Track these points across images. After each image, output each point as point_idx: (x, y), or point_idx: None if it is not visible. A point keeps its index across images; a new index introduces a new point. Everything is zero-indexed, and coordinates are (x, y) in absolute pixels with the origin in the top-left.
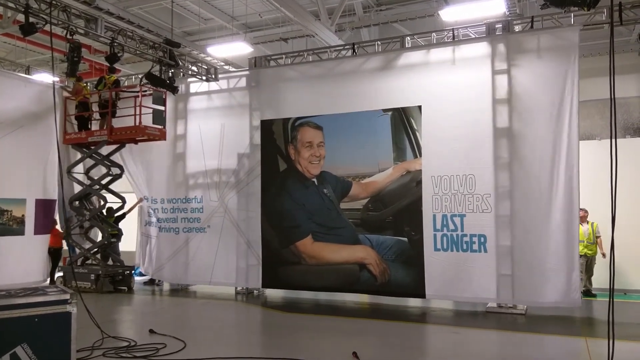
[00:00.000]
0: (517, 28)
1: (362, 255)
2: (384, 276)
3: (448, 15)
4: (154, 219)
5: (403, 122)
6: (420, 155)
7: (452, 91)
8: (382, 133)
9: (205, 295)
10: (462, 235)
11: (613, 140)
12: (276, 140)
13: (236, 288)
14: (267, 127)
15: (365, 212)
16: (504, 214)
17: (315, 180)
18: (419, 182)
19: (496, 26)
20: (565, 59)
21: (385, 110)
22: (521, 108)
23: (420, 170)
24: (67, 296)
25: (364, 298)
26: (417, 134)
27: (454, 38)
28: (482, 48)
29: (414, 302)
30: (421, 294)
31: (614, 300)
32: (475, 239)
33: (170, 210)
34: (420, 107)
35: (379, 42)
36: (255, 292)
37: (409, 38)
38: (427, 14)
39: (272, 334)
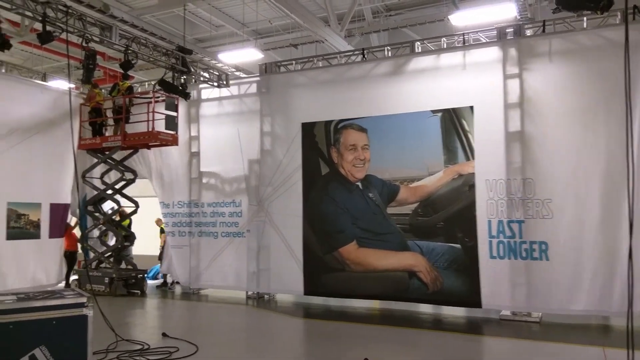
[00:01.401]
0: (528, 32)
1: (412, 262)
2: (435, 284)
3: (458, 20)
4: (175, 227)
5: (454, 123)
6: (473, 158)
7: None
8: (432, 135)
9: (217, 300)
10: (520, 242)
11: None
12: (318, 143)
13: (247, 292)
14: (308, 129)
15: (414, 218)
16: (566, 219)
17: (359, 184)
18: (472, 186)
19: (507, 30)
20: (578, 62)
21: (434, 112)
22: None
23: (473, 173)
24: (84, 299)
25: (375, 304)
26: (469, 135)
27: (464, 43)
28: (494, 52)
29: (424, 308)
30: (476, 303)
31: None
32: (535, 246)
33: (210, 214)
34: (472, 107)
35: (389, 47)
36: (266, 296)
37: (418, 43)
38: (437, 18)
39: (283, 339)
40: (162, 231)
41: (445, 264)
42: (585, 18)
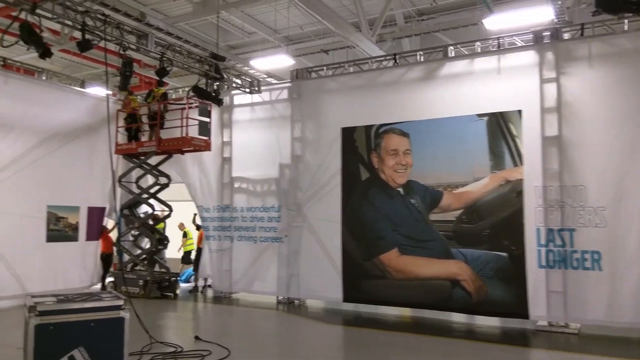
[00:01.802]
0: (566, 36)
1: (455, 270)
2: (480, 294)
3: (492, 23)
4: (214, 232)
5: (501, 127)
6: (522, 164)
7: None
8: (477, 139)
9: (248, 304)
10: (572, 251)
11: None
12: (358, 148)
13: (277, 297)
14: (348, 134)
15: (459, 225)
16: (621, 228)
17: (401, 189)
18: (519, 193)
19: (544, 34)
20: (620, 66)
21: (480, 115)
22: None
23: (522, 179)
24: (121, 302)
25: (406, 312)
26: (517, 140)
27: (499, 47)
28: (530, 56)
29: (457, 317)
30: (523, 314)
31: None
32: (587, 256)
33: (250, 219)
34: (520, 111)
35: (421, 52)
36: (296, 302)
37: (452, 47)
38: (470, 22)
39: (315, 345)
40: (184, 235)
41: (491, 272)
42: (626, 20)
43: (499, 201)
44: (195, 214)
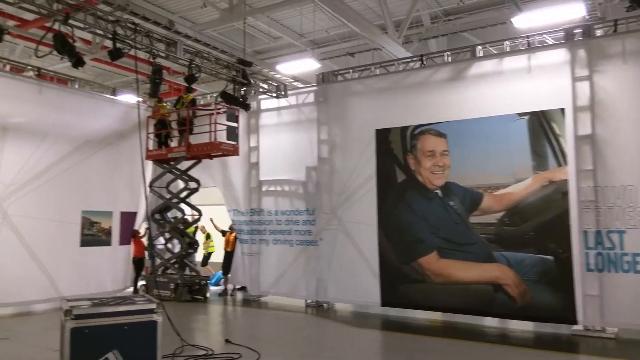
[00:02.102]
0: (598, 32)
1: (497, 274)
2: (524, 298)
3: (521, 22)
4: (246, 236)
5: (543, 126)
6: (566, 164)
7: None
8: (518, 139)
9: (276, 307)
10: (622, 254)
11: None
12: (393, 149)
13: (306, 300)
14: (383, 136)
15: (500, 227)
16: None
17: (439, 191)
18: (565, 194)
19: (575, 31)
20: None
21: (521, 115)
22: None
23: (566, 180)
24: (154, 306)
25: (437, 315)
26: (561, 139)
27: (529, 45)
28: (561, 55)
29: (489, 322)
30: (571, 320)
31: None
32: (639, 259)
33: (285, 222)
34: (563, 110)
35: (449, 53)
36: (325, 305)
37: (480, 47)
38: (499, 21)
39: (345, 349)
40: (207, 237)
41: (536, 276)
42: None
43: (543, 203)
44: (211, 218)
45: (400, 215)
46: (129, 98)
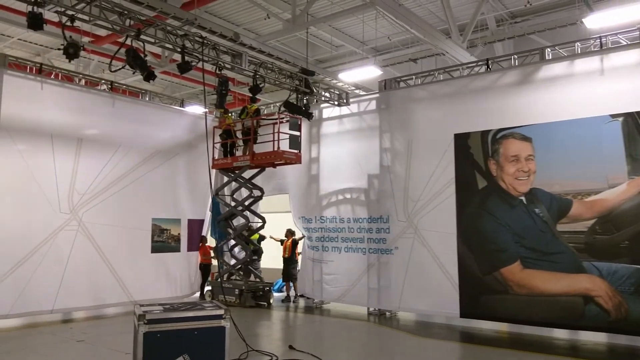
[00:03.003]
0: None
1: (588, 285)
2: (619, 311)
3: (593, 22)
4: (318, 242)
5: (639, 128)
6: None
7: None
8: (611, 142)
9: (339, 314)
10: None
11: None
12: (473, 155)
13: (368, 308)
14: (462, 140)
15: (591, 236)
16: None
17: (523, 198)
18: None
19: None
20: None
21: (614, 116)
22: None
23: None
24: (222, 311)
25: (503, 327)
26: None
27: (601, 46)
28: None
29: (558, 333)
30: None
31: None
32: None
33: (357, 229)
34: None
35: (516, 56)
36: (388, 313)
37: (549, 49)
38: (569, 22)
39: (409, 358)
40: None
41: (632, 288)
42: None
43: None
44: (271, 236)
45: (481, 223)
46: (196, 109)
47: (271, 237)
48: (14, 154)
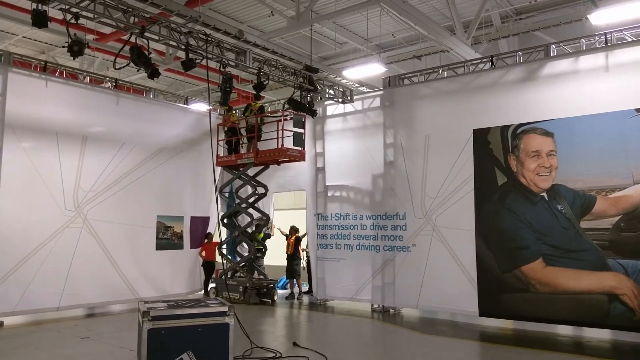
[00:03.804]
0: None
1: (613, 283)
2: None
3: (599, 18)
4: (331, 240)
5: None
6: None
7: None
8: (636, 137)
9: (342, 311)
10: None
11: None
12: (493, 150)
13: (372, 305)
14: (481, 136)
15: (616, 233)
16: None
17: (545, 194)
18: None
19: None
20: None
21: (638, 110)
22: None
23: None
24: (226, 308)
25: (507, 323)
26: None
27: (606, 43)
28: None
29: (563, 330)
30: None
31: None
32: None
33: (370, 227)
34: None
35: (520, 53)
36: (391, 310)
37: (554, 46)
38: (574, 19)
39: (413, 355)
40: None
41: None
42: None
43: None
44: (279, 228)
45: (501, 220)
46: (200, 106)
47: (279, 230)
48: (18, 152)
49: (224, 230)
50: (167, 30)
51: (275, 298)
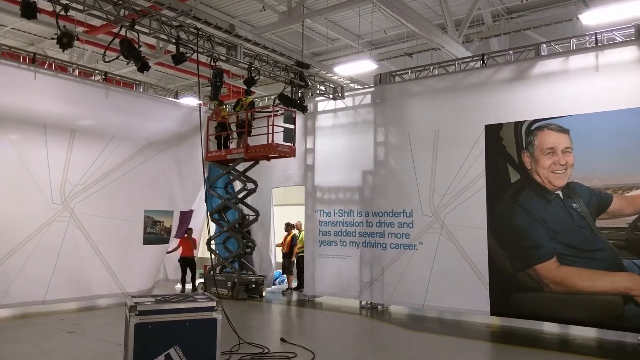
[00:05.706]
0: None
1: (628, 284)
2: None
3: (589, 18)
4: (335, 237)
5: None
6: None
7: None
8: None
9: (331, 307)
10: None
11: None
12: (506, 147)
13: (360, 302)
14: (493, 132)
15: (633, 232)
16: None
17: (560, 192)
18: None
19: None
20: None
21: None
22: None
23: None
24: (214, 304)
25: (494, 320)
26: None
27: (597, 43)
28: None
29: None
30: None
31: None
32: None
33: (376, 224)
34: None
35: (511, 52)
36: (380, 307)
37: (544, 45)
38: (565, 18)
39: (399, 350)
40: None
41: None
42: None
43: None
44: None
45: (514, 218)
46: (190, 101)
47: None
48: (6, 144)
49: (212, 226)
50: (158, 23)
51: (264, 294)
